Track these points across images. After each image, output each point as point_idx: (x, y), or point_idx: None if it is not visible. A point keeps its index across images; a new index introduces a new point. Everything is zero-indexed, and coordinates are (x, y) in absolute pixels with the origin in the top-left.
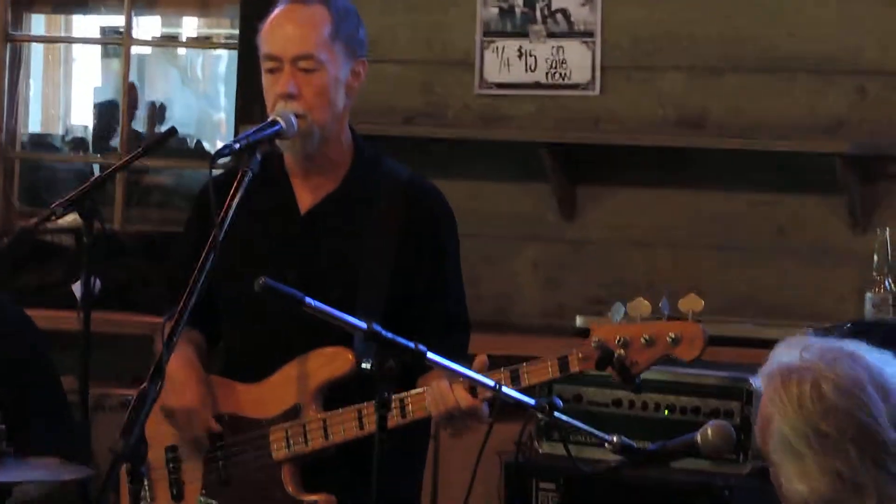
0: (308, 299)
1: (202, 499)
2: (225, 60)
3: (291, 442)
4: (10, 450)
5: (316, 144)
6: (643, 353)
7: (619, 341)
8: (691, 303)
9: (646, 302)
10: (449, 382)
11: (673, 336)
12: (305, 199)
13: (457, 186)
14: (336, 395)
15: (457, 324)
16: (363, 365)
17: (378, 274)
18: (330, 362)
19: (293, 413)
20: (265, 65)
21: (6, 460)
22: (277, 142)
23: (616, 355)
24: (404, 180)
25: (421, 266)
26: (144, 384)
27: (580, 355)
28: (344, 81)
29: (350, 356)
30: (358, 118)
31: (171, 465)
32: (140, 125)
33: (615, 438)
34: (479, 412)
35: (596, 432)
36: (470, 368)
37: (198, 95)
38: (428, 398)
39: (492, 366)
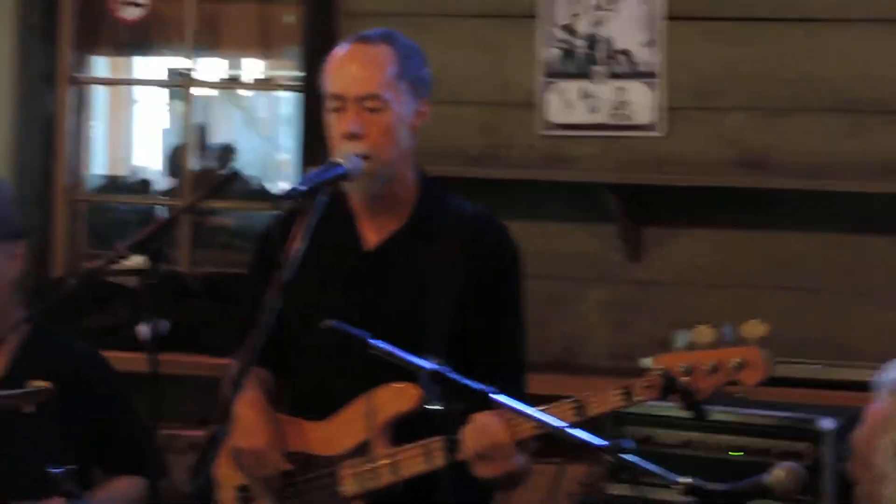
0: (373, 340)
1: None
2: (289, 102)
3: (361, 478)
4: (80, 492)
5: (381, 184)
6: (707, 379)
7: (682, 369)
8: (754, 328)
9: (708, 329)
10: (491, 419)
11: (737, 362)
12: (371, 237)
13: (522, 227)
14: (404, 429)
15: (516, 361)
16: (430, 407)
17: (444, 311)
18: (397, 398)
19: (362, 449)
20: (329, 104)
21: (78, 502)
22: (342, 182)
23: (680, 382)
24: (470, 216)
25: (484, 301)
26: (214, 425)
27: (644, 384)
28: (408, 121)
29: (416, 391)
30: (421, 160)
31: None
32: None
33: (686, 480)
34: (510, 455)
35: (665, 474)
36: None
37: (262, 137)
38: (466, 433)
39: None
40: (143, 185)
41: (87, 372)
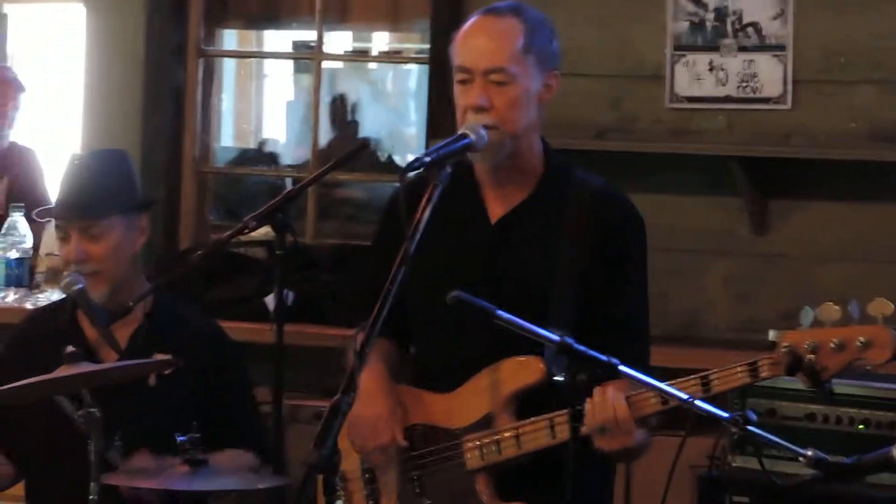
0: (500, 312)
1: None
2: (415, 74)
3: (485, 451)
4: (205, 458)
5: (507, 155)
6: (833, 357)
7: (808, 346)
8: (881, 307)
9: (835, 307)
10: (614, 394)
11: (863, 340)
12: (496, 208)
13: (647, 200)
14: (528, 403)
15: (638, 334)
16: (555, 378)
17: (569, 283)
18: (521, 371)
19: (486, 422)
20: (457, 76)
21: (202, 468)
22: (468, 154)
23: (805, 360)
24: (595, 189)
25: (608, 273)
26: (338, 395)
27: (770, 361)
28: (535, 93)
29: (541, 365)
30: (548, 132)
31: (366, 476)
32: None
33: (810, 452)
34: (631, 430)
35: (790, 446)
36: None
37: (388, 109)
38: (588, 406)
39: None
40: (271, 158)
41: (206, 346)
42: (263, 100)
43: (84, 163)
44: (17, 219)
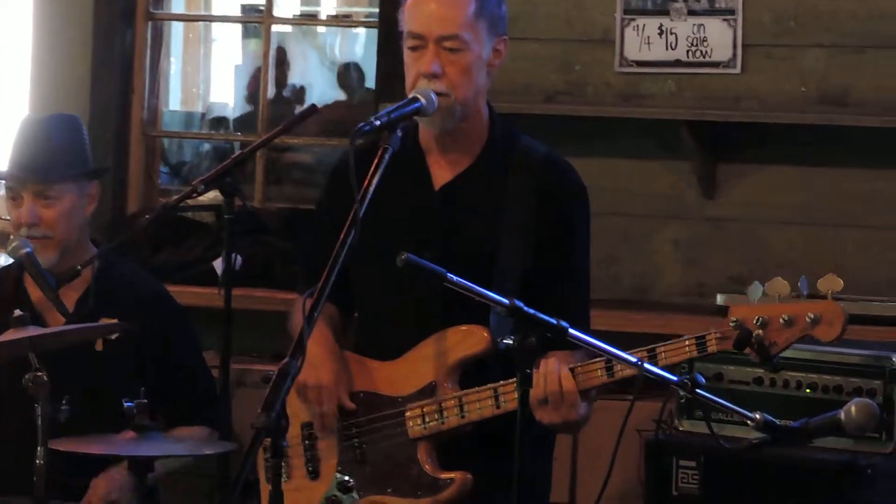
0: (450, 275)
1: (338, 475)
2: (362, 39)
3: (427, 420)
4: (153, 423)
5: (455, 121)
6: (782, 333)
7: (757, 321)
8: (831, 283)
9: (784, 281)
10: (559, 365)
11: (812, 316)
12: (441, 174)
13: (596, 164)
14: (472, 373)
15: (582, 302)
16: (505, 341)
17: (513, 250)
18: (466, 340)
19: (429, 391)
20: (408, 42)
21: (150, 434)
22: (416, 118)
23: (754, 335)
24: (540, 157)
25: (551, 242)
26: (286, 359)
27: (718, 335)
28: (486, 59)
29: (486, 334)
30: (498, 97)
31: (307, 442)
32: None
33: (758, 415)
34: (576, 401)
35: (739, 409)
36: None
37: (336, 74)
38: (534, 377)
39: (631, 343)
40: (219, 122)
41: (153, 309)
42: (211, 64)
43: (38, 127)
44: None
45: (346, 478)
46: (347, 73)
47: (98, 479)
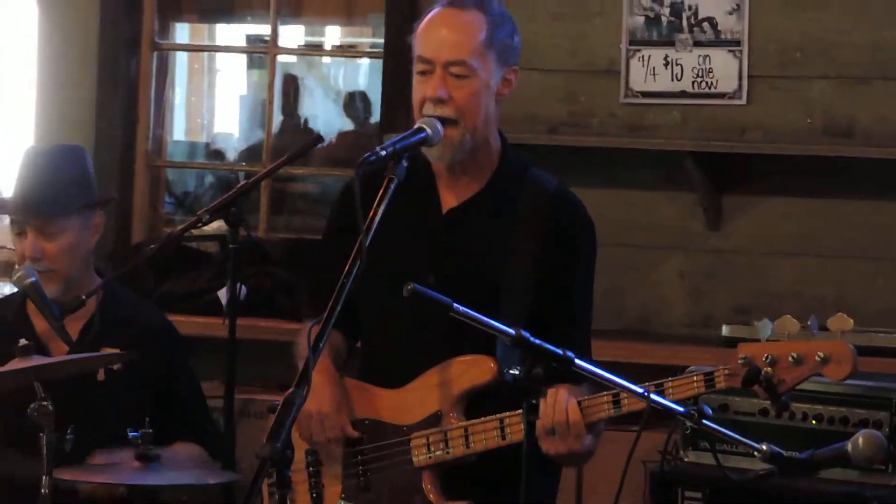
0: (456, 305)
1: (342, 503)
2: (366, 70)
3: (432, 449)
4: (157, 453)
5: (466, 150)
6: (791, 371)
7: (766, 359)
8: (840, 322)
9: (794, 320)
10: (566, 396)
11: (822, 355)
12: (449, 200)
13: (601, 195)
14: (477, 402)
15: (583, 337)
16: (511, 372)
17: (520, 280)
18: (472, 370)
19: (434, 420)
20: (417, 66)
21: (154, 464)
22: (423, 149)
23: (763, 373)
24: (549, 189)
25: (557, 274)
26: (291, 389)
27: (727, 372)
28: (494, 88)
29: (492, 364)
30: (502, 127)
31: (310, 469)
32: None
33: (765, 446)
34: (581, 432)
35: (745, 440)
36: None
37: (340, 105)
38: (541, 407)
39: (637, 374)
40: (223, 152)
41: (155, 340)
42: (216, 94)
43: (41, 159)
44: None
45: None
46: (353, 104)
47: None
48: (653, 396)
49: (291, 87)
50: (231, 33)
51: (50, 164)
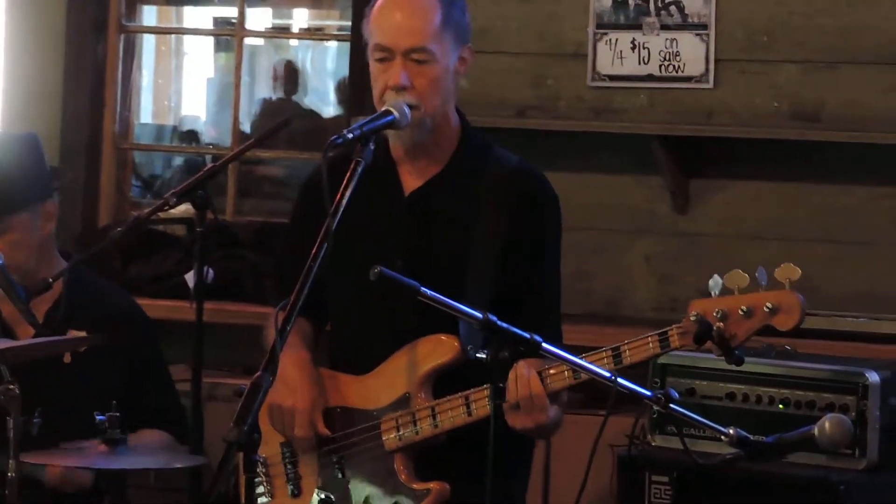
0: (423, 289)
1: (318, 492)
2: (333, 53)
3: (402, 431)
4: (124, 437)
5: (427, 132)
6: (742, 324)
7: (717, 314)
8: (788, 272)
9: (743, 273)
10: (527, 370)
11: (770, 306)
12: (410, 183)
13: (568, 179)
14: (445, 382)
15: (552, 311)
16: (478, 355)
17: (485, 260)
18: (436, 350)
19: (403, 402)
20: (374, 54)
21: (121, 448)
22: (387, 131)
23: (715, 329)
24: (512, 165)
25: (523, 250)
26: (258, 373)
27: (680, 330)
28: (453, 69)
29: (456, 343)
30: (469, 111)
31: (287, 460)
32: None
33: (732, 431)
34: (544, 406)
35: (712, 424)
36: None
37: (307, 88)
38: (508, 383)
39: None
40: (190, 135)
41: (122, 322)
42: (183, 77)
43: None
44: None
45: (326, 494)
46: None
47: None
48: (619, 381)
49: (258, 70)
50: (198, 16)
51: None
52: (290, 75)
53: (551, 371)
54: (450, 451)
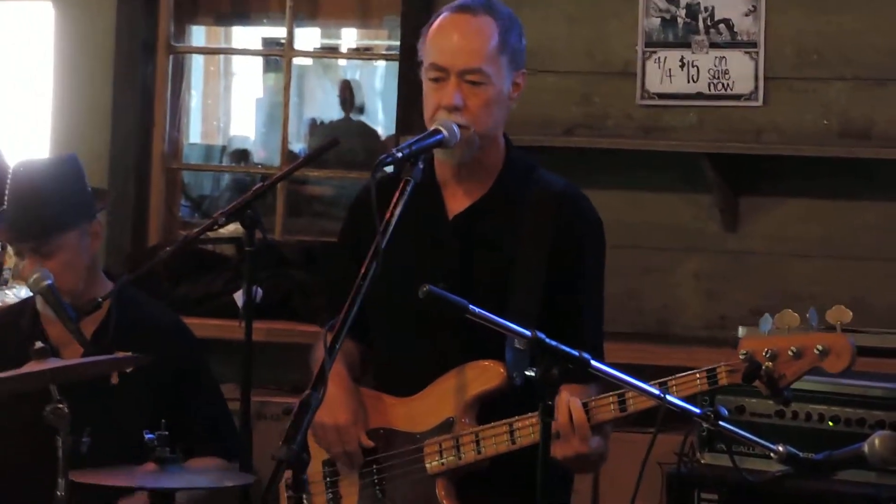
0: (472, 307)
1: None
2: (382, 72)
3: (444, 455)
4: (172, 456)
5: (473, 152)
6: (791, 365)
7: (766, 354)
8: (839, 314)
9: (794, 314)
10: (570, 398)
11: (820, 348)
12: (455, 205)
13: (617, 197)
14: (490, 408)
15: (595, 337)
16: (527, 373)
17: (529, 283)
18: (482, 376)
19: (446, 427)
20: (429, 73)
21: (169, 466)
22: (435, 150)
23: (763, 368)
24: (557, 189)
25: (565, 274)
26: (307, 391)
27: (728, 368)
28: (506, 93)
29: (502, 370)
30: (518, 129)
31: (328, 480)
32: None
33: (781, 448)
34: (587, 437)
35: (762, 441)
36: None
37: (356, 108)
38: None
39: (652, 377)
40: (240, 155)
41: (169, 342)
42: (232, 97)
43: (29, 176)
44: None
45: None
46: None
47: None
48: (669, 398)
49: (306, 90)
50: (247, 36)
51: (39, 182)
52: (349, 94)
53: (597, 402)
54: (490, 474)
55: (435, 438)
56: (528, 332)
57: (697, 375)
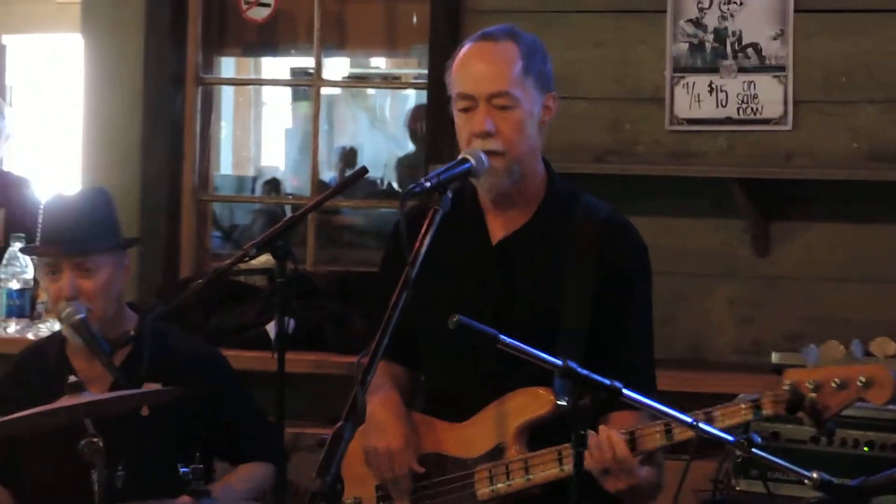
0: (502, 336)
1: None
2: (412, 101)
3: (495, 481)
4: (207, 489)
5: (512, 180)
6: (835, 396)
7: (810, 385)
8: (883, 346)
9: (839, 346)
10: (611, 433)
11: (864, 380)
12: (498, 232)
13: (648, 223)
14: (541, 434)
15: (645, 364)
16: (559, 402)
17: (576, 311)
18: (532, 403)
19: (497, 453)
20: (458, 104)
21: (205, 500)
22: (472, 180)
23: (807, 399)
24: (600, 217)
25: (614, 304)
26: (340, 423)
27: (773, 398)
28: (537, 116)
29: (551, 397)
30: (548, 156)
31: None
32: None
33: (815, 474)
34: (632, 469)
35: (796, 468)
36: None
37: (386, 136)
38: (591, 444)
39: (687, 403)
40: (271, 185)
41: (201, 372)
42: (262, 127)
43: (69, 202)
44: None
45: None
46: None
47: None
48: (701, 425)
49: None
50: (275, 66)
51: (79, 206)
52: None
53: (643, 431)
54: (540, 501)
55: (485, 465)
56: (559, 362)
57: (742, 406)
